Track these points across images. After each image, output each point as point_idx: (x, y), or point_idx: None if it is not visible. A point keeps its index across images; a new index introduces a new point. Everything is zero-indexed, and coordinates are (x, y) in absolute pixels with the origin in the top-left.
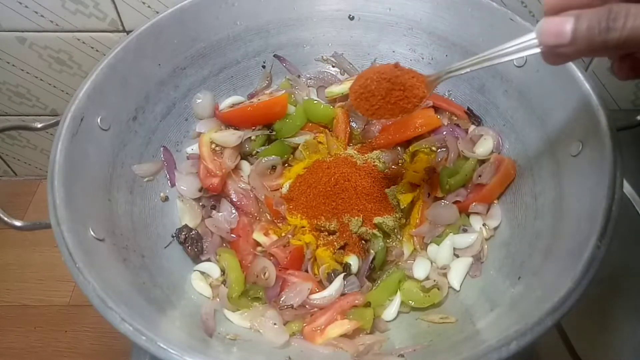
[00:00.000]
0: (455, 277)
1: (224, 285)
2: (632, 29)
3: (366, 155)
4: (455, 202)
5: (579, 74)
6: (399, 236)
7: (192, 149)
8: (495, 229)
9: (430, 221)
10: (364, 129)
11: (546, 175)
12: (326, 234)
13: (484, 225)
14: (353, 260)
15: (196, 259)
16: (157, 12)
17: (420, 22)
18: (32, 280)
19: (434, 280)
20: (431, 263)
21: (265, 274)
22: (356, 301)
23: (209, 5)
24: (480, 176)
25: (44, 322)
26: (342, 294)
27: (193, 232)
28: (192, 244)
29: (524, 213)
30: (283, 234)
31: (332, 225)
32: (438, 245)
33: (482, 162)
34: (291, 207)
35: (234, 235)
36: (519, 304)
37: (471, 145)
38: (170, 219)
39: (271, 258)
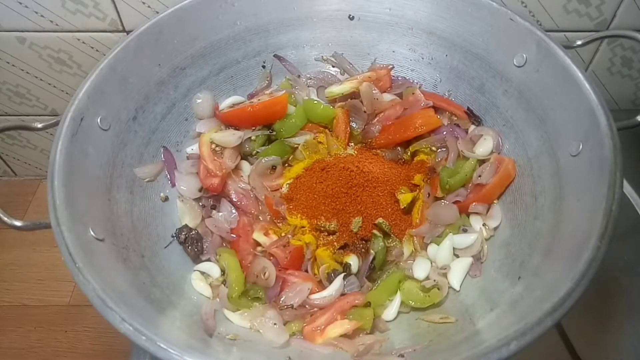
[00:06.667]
0: (455, 277)
1: (224, 285)
2: None
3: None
4: (455, 202)
5: (579, 74)
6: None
7: (192, 149)
8: (495, 229)
9: (430, 221)
10: (364, 129)
11: (546, 175)
12: (326, 234)
13: (484, 225)
14: (353, 260)
15: (196, 259)
16: (157, 12)
17: (420, 22)
18: (32, 280)
19: (434, 280)
20: (431, 263)
21: (265, 274)
22: (356, 301)
23: (209, 5)
24: (480, 176)
25: (44, 322)
26: (342, 294)
27: (193, 232)
28: (192, 244)
29: (524, 213)
30: (283, 234)
31: (332, 225)
32: (438, 245)
33: (482, 162)
34: (291, 207)
35: (234, 235)
36: (519, 304)
37: (471, 145)
38: (170, 219)
39: (271, 258)
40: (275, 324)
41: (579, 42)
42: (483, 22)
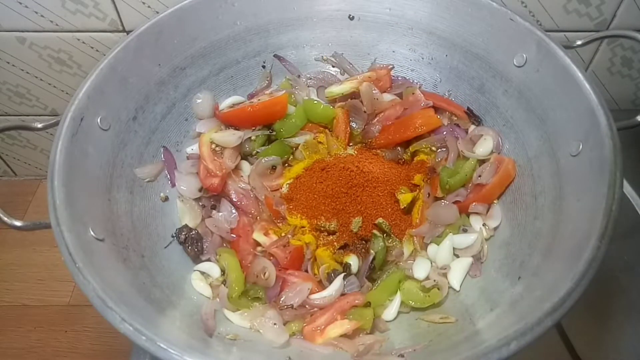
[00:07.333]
0: (455, 277)
1: (224, 285)
2: None
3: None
4: (455, 202)
5: (579, 74)
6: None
7: (192, 149)
8: (495, 229)
9: (430, 221)
10: (364, 129)
11: (546, 175)
12: (326, 234)
13: (484, 225)
14: (353, 260)
15: (196, 259)
16: (157, 12)
17: (420, 22)
18: (32, 280)
19: (434, 280)
20: (431, 263)
21: (265, 274)
22: (356, 301)
23: (209, 5)
24: (480, 176)
25: (44, 322)
26: (342, 294)
27: (193, 232)
28: (192, 244)
29: (524, 213)
30: (283, 234)
31: (332, 225)
32: (438, 245)
33: (482, 162)
34: (291, 207)
35: (234, 235)
36: (519, 304)
37: (471, 145)
38: (170, 219)
39: (271, 258)
40: (275, 324)
41: (579, 42)
42: (483, 22)
